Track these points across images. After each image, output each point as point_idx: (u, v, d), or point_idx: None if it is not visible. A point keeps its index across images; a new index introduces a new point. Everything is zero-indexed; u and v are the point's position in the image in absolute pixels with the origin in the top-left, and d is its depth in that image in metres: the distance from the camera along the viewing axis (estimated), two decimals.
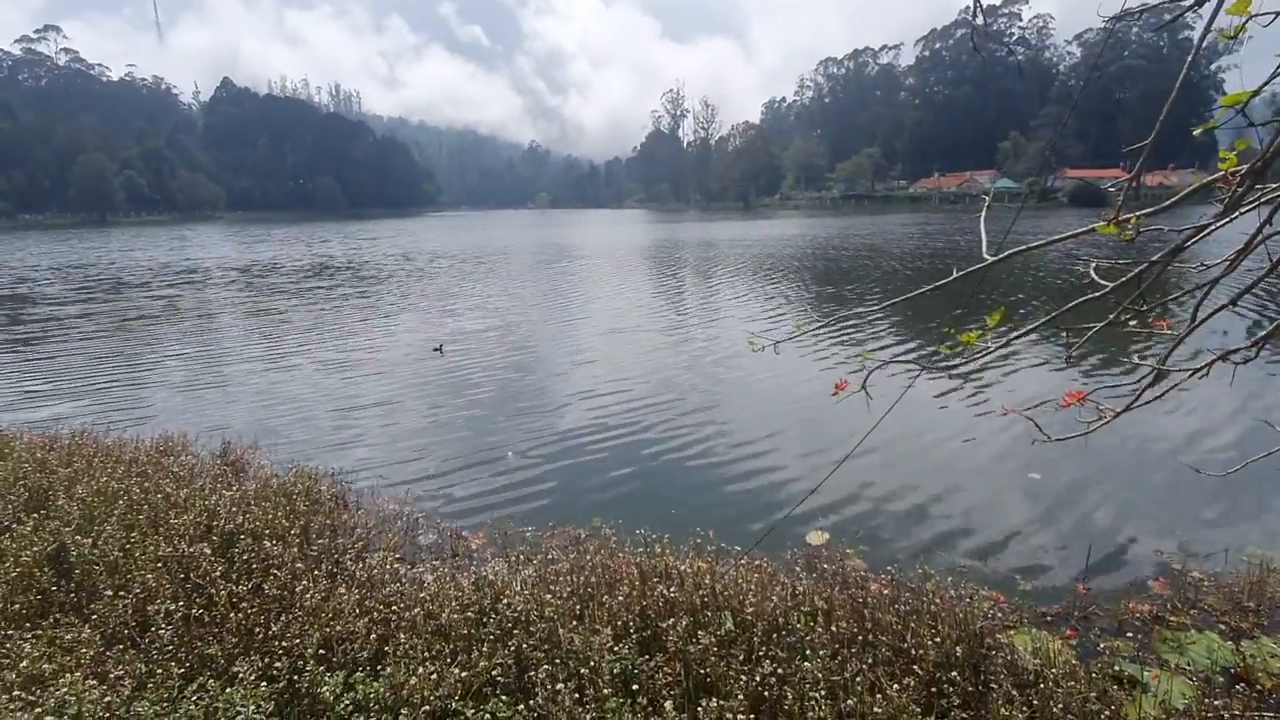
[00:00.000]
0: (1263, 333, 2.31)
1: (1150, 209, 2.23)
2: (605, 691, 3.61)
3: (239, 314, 21.16)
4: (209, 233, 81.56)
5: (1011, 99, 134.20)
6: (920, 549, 6.31)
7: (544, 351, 14.87)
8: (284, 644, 3.94)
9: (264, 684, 3.63)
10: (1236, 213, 2.15)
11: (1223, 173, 2.16)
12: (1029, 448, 8.35)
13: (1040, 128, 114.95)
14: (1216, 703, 3.81)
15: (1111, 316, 2.48)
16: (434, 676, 3.65)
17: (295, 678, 3.68)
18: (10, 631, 4.10)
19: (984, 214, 2.72)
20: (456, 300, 23.05)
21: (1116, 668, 4.22)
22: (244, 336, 17.38)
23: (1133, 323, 2.47)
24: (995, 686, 3.70)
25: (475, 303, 22.30)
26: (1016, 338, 2.66)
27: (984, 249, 2.51)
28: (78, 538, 4.95)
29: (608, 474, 8.18)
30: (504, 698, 3.61)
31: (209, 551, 4.87)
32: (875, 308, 3.11)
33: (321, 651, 3.95)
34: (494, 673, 3.79)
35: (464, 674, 3.74)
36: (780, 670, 3.73)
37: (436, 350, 14.63)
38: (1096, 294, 2.43)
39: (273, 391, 11.94)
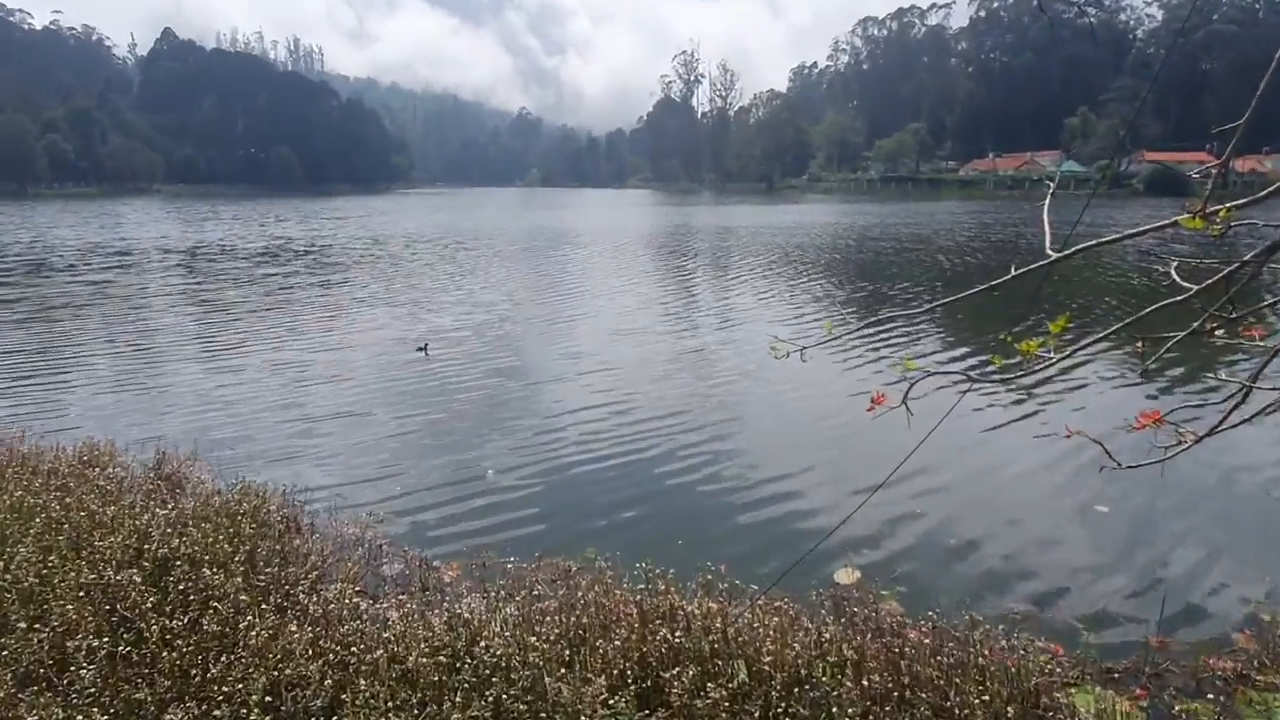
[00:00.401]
0: None
1: (1242, 200, 2.23)
2: None
3: (180, 304, 21.27)
4: (145, 208, 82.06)
5: (1080, 68, 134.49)
6: (967, 592, 6.31)
7: (535, 355, 14.98)
8: (225, 688, 3.95)
9: None
10: None
11: None
12: (1096, 475, 8.35)
13: (1113, 102, 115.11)
14: None
15: (1195, 325, 2.48)
16: None
17: None
18: None
19: (1047, 202, 2.74)
20: (435, 293, 23.25)
21: None
22: (185, 331, 17.49)
23: (1220, 332, 2.47)
24: None
25: (457, 296, 22.50)
26: (1083, 347, 2.67)
27: (1046, 244, 2.53)
28: None
29: (604, 498, 8.21)
30: None
31: (139, 579, 4.88)
32: (920, 309, 3.13)
33: (268, 698, 3.95)
34: None
35: None
36: None
37: (420, 351, 14.79)
38: (1178, 298, 2.43)
39: (217, 395, 12.01)
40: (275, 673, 4.11)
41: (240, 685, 3.99)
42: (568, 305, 21.02)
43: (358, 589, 5.71)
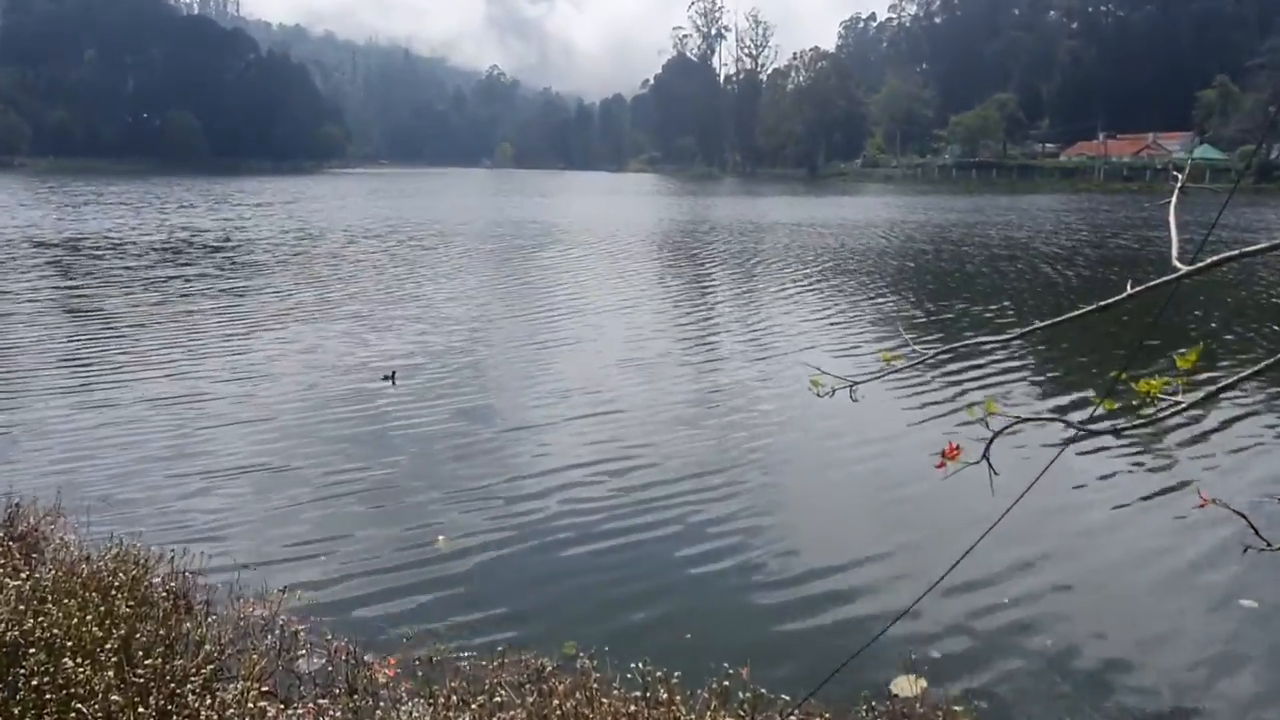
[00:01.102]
0: None
1: None
2: None
3: (48, 315, 21.43)
4: (7, 186, 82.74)
5: (1218, 26, 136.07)
6: (1065, 707, 6.26)
7: (513, 391, 15.06)
8: None
9: None
10: None
11: None
12: (1240, 558, 8.29)
13: (1262, 70, 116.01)
14: None
15: None
16: None
17: None
18: None
19: (1174, 199, 2.76)
20: (384, 305, 23.39)
21: None
22: (52, 350, 17.59)
23: None
24: None
25: (413, 310, 22.64)
26: (1224, 390, 2.67)
27: (1173, 253, 2.53)
28: None
29: (591, 576, 8.21)
30: None
31: None
32: (1009, 336, 3.14)
33: None
34: None
35: None
36: None
37: (386, 380, 14.97)
38: None
39: (90, 435, 12.01)
40: None
41: None
42: (556, 325, 21.12)
43: (265, 689, 5.66)
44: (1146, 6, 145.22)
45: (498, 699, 5.56)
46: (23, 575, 6.50)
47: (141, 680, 5.19)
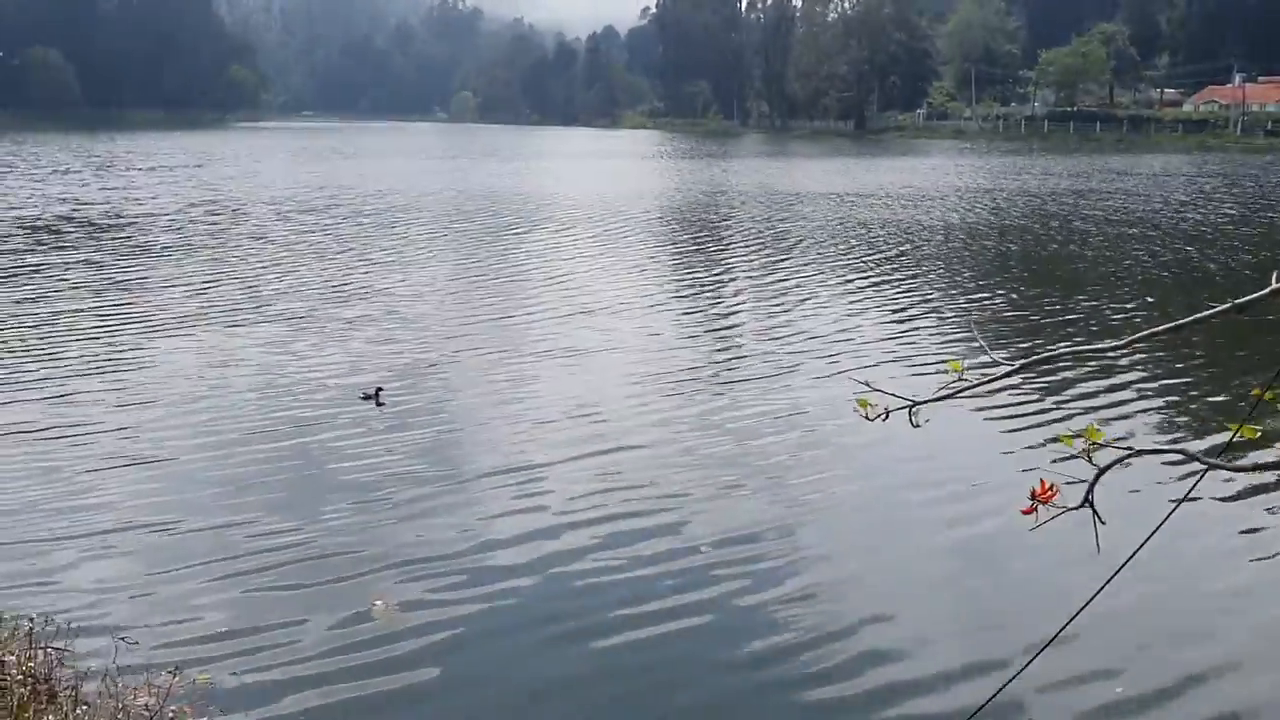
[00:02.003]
0: None
1: None
2: None
3: None
4: None
5: None
6: None
7: (491, 418, 14.87)
8: None
9: None
10: None
11: None
12: None
13: None
14: None
15: None
16: None
17: None
18: None
19: None
20: (324, 303, 23.06)
21: None
22: None
23: None
24: None
25: (361, 309, 22.39)
26: None
27: None
28: None
29: (572, 649, 8.19)
30: None
31: None
32: (1118, 343, 3.07)
33: None
34: None
35: None
36: None
37: (367, 399, 14.90)
38: None
39: None
40: None
41: None
42: (549, 330, 20.67)
43: None
44: None
45: None
46: None
47: None
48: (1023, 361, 2.83)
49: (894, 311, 23.00)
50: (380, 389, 15.12)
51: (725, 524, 10.87)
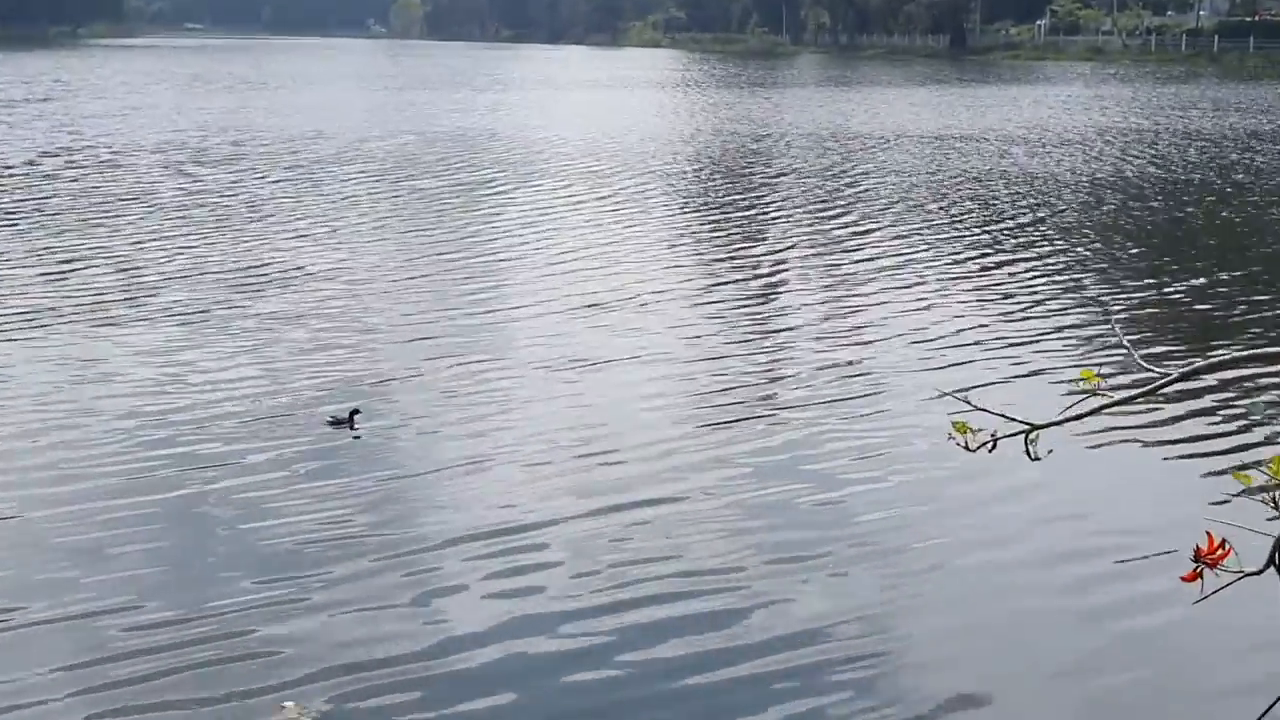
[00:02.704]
0: None
1: None
2: None
3: None
4: None
5: None
6: None
7: (467, 454, 12.79)
8: None
9: None
10: None
11: None
12: None
13: None
14: None
15: None
16: None
17: None
18: None
19: None
20: (245, 292, 20.59)
21: None
22: None
23: None
24: None
25: (300, 303, 19.91)
26: None
27: None
28: None
29: None
30: None
31: None
32: None
33: None
34: None
35: None
36: None
37: (339, 424, 13.24)
38: None
39: None
40: None
41: None
42: (547, 329, 18.24)
43: None
44: None
45: None
46: None
47: None
48: (1181, 370, 2.80)
49: (999, 299, 20.41)
50: (356, 411, 13.23)
51: (784, 615, 9.28)
